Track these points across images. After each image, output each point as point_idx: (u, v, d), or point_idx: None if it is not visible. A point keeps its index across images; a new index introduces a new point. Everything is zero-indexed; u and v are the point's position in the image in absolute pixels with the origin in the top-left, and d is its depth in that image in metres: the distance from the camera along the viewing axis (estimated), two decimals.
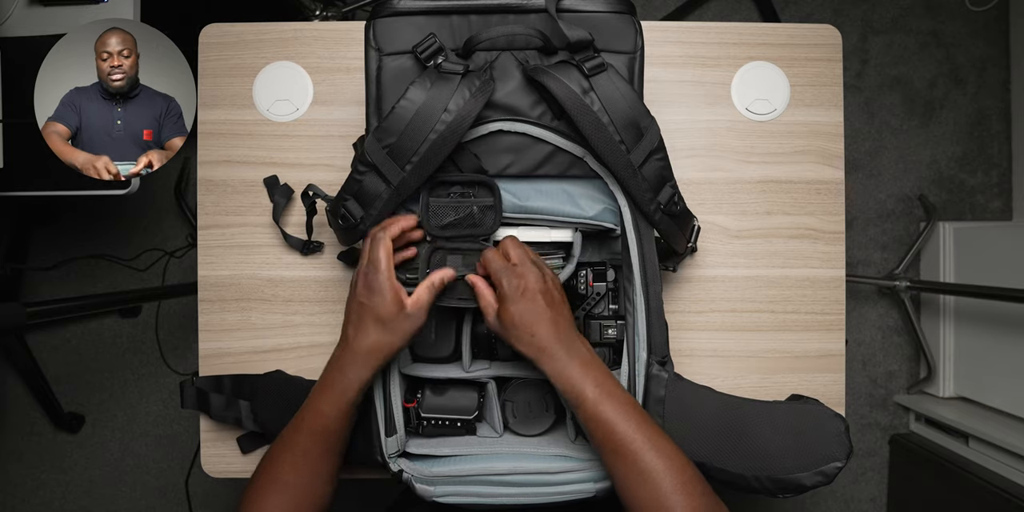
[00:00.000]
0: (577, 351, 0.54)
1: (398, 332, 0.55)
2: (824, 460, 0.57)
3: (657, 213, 0.59)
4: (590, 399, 0.52)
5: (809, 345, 0.76)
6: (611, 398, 0.53)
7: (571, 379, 0.53)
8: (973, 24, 1.53)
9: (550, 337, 0.53)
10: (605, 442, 0.52)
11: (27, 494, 1.53)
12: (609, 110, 0.55)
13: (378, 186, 0.57)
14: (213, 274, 0.77)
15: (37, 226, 1.52)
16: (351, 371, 0.55)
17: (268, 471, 0.57)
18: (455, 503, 0.58)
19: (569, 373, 0.53)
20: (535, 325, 0.53)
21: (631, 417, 0.52)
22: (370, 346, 0.55)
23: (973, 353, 1.37)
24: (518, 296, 0.53)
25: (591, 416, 0.52)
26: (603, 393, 0.53)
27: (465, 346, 0.63)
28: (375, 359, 0.55)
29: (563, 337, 0.54)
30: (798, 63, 0.77)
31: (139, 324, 1.55)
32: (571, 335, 0.55)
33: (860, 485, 1.50)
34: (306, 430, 0.57)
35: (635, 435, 0.51)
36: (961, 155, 1.52)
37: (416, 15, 0.60)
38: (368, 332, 0.54)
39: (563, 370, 0.53)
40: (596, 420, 0.52)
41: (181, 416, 1.52)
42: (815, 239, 0.77)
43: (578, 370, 0.53)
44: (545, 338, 0.53)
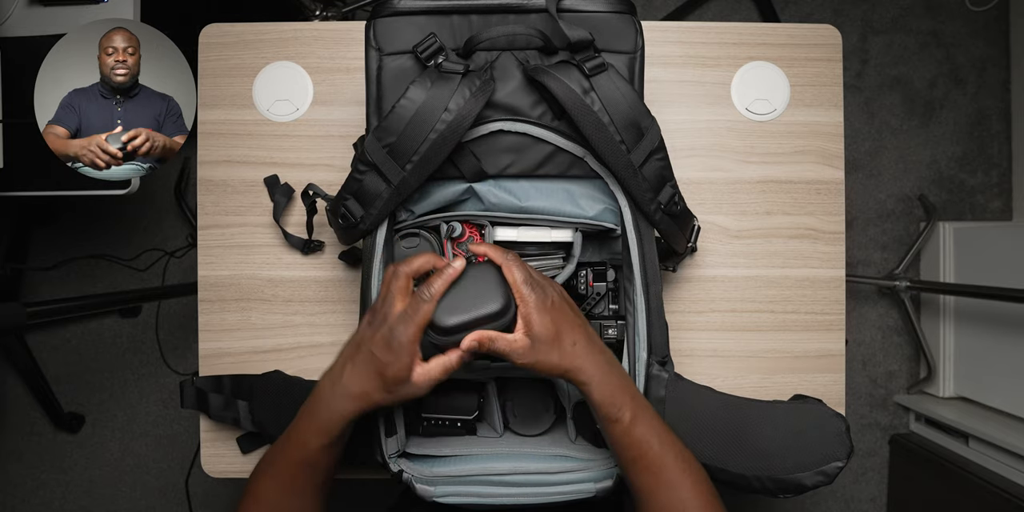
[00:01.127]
0: (613, 362, 0.53)
1: (394, 395, 0.51)
2: (825, 460, 0.57)
3: (657, 213, 0.59)
4: (628, 417, 0.51)
5: (809, 345, 0.76)
6: (645, 413, 0.52)
7: (613, 394, 0.51)
8: (973, 24, 1.53)
9: (590, 346, 0.51)
10: (638, 460, 0.51)
11: (27, 494, 1.53)
12: (610, 110, 0.55)
13: (378, 185, 0.57)
14: (213, 274, 0.77)
15: (37, 226, 1.52)
16: (336, 405, 0.52)
17: (255, 493, 0.55)
18: (455, 503, 0.58)
19: (611, 387, 0.51)
20: (574, 332, 0.51)
21: (663, 437, 0.51)
22: (359, 393, 0.51)
23: (973, 353, 1.37)
24: (550, 305, 0.51)
25: (626, 432, 0.51)
26: (639, 407, 0.51)
27: None
28: (362, 403, 0.52)
29: (600, 346, 0.53)
30: (798, 63, 0.77)
31: (139, 324, 1.54)
32: (602, 344, 0.54)
33: (860, 485, 1.50)
34: (293, 460, 0.54)
35: (666, 455, 0.51)
36: (961, 155, 1.52)
37: (416, 15, 0.60)
38: (363, 381, 0.51)
39: (605, 382, 0.51)
40: (630, 437, 0.51)
41: (181, 416, 1.52)
42: (815, 239, 0.77)
43: (618, 382, 0.52)
44: (585, 347, 0.51)
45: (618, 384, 0.52)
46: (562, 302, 0.52)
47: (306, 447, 0.53)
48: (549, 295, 0.51)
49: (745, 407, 0.61)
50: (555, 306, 0.51)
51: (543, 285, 0.52)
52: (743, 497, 1.46)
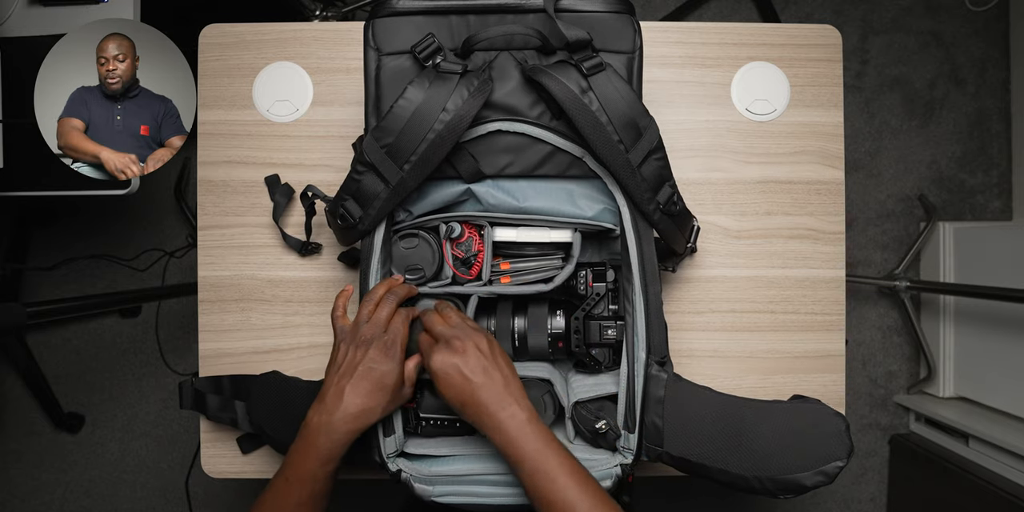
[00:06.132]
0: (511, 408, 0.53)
1: (395, 402, 0.56)
2: (825, 459, 0.57)
3: (656, 213, 0.59)
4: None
5: (809, 345, 0.76)
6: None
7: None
8: (973, 24, 1.53)
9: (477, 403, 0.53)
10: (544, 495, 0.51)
11: (27, 494, 1.53)
12: (608, 110, 0.55)
13: (377, 186, 0.57)
14: (213, 274, 0.77)
15: (37, 226, 1.52)
16: (337, 429, 0.54)
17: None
18: (454, 503, 0.58)
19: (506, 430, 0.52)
20: (462, 398, 0.53)
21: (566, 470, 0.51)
22: (359, 411, 0.54)
23: (973, 353, 1.37)
24: (437, 371, 0.53)
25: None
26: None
27: None
28: (363, 421, 0.54)
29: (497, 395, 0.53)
30: (798, 63, 0.77)
31: (139, 324, 1.55)
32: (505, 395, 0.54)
33: (860, 485, 1.50)
34: (302, 499, 0.55)
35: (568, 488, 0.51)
36: (961, 155, 1.52)
37: (415, 15, 0.60)
38: (365, 398, 0.54)
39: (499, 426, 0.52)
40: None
41: (181, 416, 1.52)
42: (815, 239, 0.77)
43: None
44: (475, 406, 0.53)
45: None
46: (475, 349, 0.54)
47: (314, 480, 0.54)
48: (442, 359, 0.53)
49: (744, 407, 0.60)
50: (442, 374, 0.53)
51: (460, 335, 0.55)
52: (743, 497, 1.46)
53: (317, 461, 0.54)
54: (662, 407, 0.59)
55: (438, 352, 0.54)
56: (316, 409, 0.55)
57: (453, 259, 0.64)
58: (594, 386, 0.63)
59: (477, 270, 0.64)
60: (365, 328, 0.57)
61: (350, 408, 0.54)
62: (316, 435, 0.54)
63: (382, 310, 0.57)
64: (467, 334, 0.55)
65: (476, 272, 0.64)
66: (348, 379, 0.55)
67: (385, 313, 0.57)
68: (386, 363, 0.55)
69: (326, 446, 0.54)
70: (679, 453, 0.58)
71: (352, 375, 0.55)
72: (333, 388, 0.55)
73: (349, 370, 0.55)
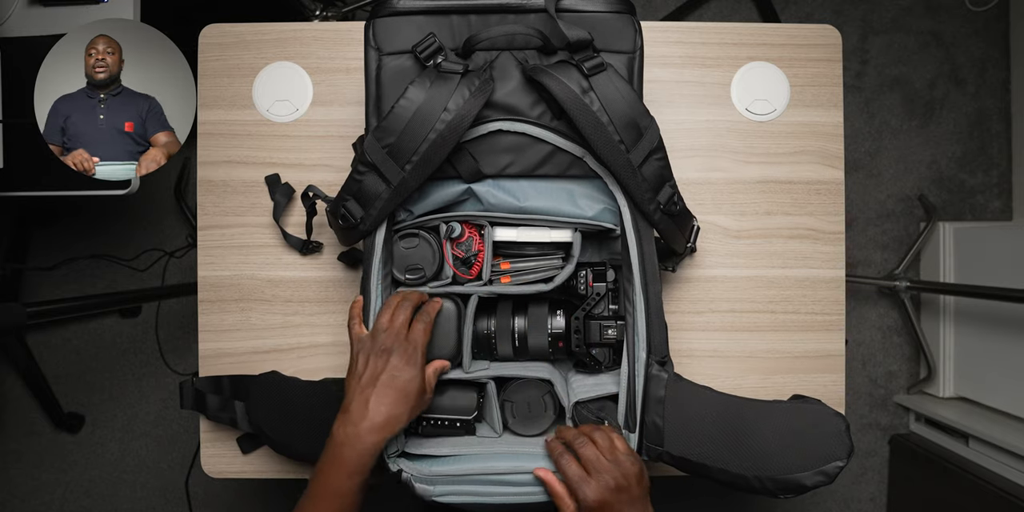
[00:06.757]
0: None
1: (418, 409, 0.57)
2: (825, 459, 0.57)
3: (656, 213, 0.59)
4: None
5: (809, 345, 0.76)
6: None
7: None
8: (973, 24, 1.53)
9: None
10: None
11: (27, 494, 1.53)
12: (608, 110, 0.55)
13: (378, 186, 0.57)
14: (213, 274, 0.77)
15: (37, 226, 1.52)
16: (364, 440, 0.53)
17: None
18: (454, 502, 0.58)
19: None
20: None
21: None
22: (385, 421, 0.54)
23: (973, 353, 1.37)
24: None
25: None
26: None
27: (465, 346, 0.63)
28: (388, 430, 0.54)
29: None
30: (798, 63, 0.77)
31: (139, 324, 1.54)
32: None
33: (860, 485, 1.50)
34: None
35: None
36: (961, 155, 1.52)
37: (416, 15, 0.60)
38: (390, 407, 0.54)
39: None
40: None
41: (181, 416, 1.52)
42: (815, 239, 0.77)
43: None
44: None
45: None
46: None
47: (342, 495, 0.53)
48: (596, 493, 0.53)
49: (745, 407, 0.60)
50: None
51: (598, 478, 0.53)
52: (743, 497, 1.46)
53: (345, 474, 0.53)
54: (662, 407, 0.59)
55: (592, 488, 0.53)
56: (341, 421, 0.54)
57: (453, 259, 0.64)
58: (594, 386, 0.63)
59: (477, 270, 0.64)
60: (384, 337, 0.56)
61: (376, 418, 0.53)
62: (342, 448, 0.53)
63: (398, 317, 0.57)
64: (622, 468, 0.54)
65: (476, 272, 0.64)
66: (372, 388, 0.54)
67: (401, 320, 0.57)
68: (408, 370, 0.55)
69: (353, 458, 0.53)
70: (679, 453, 0.58)
71: (375, 384, 0.54)
72: (357, 399, 0.54)
73: (372, 380, 0.55)
